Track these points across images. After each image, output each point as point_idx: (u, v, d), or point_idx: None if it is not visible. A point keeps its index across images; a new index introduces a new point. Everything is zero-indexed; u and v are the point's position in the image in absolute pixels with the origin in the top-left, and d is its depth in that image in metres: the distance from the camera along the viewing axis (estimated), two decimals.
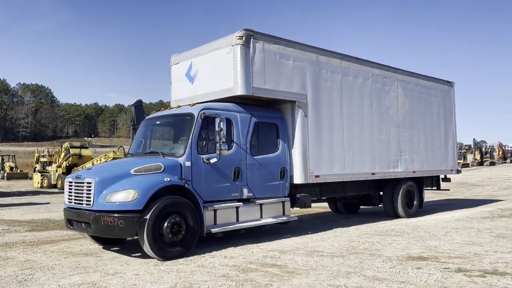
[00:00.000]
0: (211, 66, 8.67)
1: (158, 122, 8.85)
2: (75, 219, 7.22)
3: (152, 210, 6.58)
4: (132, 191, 6.61)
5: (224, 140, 7.39)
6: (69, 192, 7.44)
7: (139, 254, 7.06)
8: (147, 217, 6.53)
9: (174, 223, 6.77)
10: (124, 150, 31.43)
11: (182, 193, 7.10)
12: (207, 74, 8.78)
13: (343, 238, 8.28)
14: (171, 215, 6.79)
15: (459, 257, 6.39)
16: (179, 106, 8.40)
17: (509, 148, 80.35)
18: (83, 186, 7.05)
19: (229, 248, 7.40)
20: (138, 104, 20.59)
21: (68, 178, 7.64)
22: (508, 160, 68.67)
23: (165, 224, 6.70)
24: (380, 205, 11.82)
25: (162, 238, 6.68)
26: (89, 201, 6.88)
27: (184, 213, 6.94)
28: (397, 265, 5.97)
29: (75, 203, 7.25)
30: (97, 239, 7.92)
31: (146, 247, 6.61)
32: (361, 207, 13.04)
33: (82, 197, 7.04)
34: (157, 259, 6.62)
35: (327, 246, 7.48)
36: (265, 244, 7.71)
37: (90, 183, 6.92)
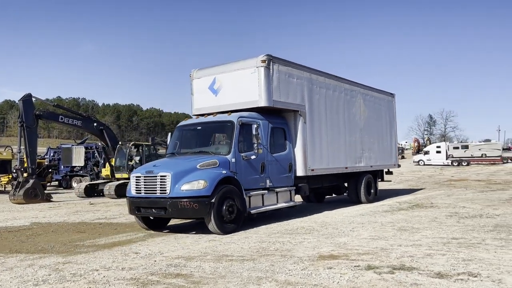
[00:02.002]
0: (235, 82, 10.46)
1: (199, 128, 10.56)
2: (145, 206, 8.82)
3: (217, 195, 8.42)
4: (202, 181, 8.39)
5: (260, 142, 9.47)
6: (137, 184, 8.97)
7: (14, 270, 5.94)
8: (213, 200, 8.35)
9: (229, 206, 8.68)
10: (12, 150, 28.12)
11: (230, 183, 8.90)
12: (231, 88, 10.53)
13: (253, 239, 7.91)
14: (227, 199, 8.65)
15: (367, 253, 6.36)
16: (215, 115, 10.20)
17: (400, 146, 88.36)
18: (156, 179, 8.63)
19: (128, 258, 6.59)
20: (27, 99, 18.32)
21: (136, 173, 9.20)
22: (399, 156, 75.23)
23: (224, 207, 8.58)
24: (344, 194, 14.41)
25: (222, 218, 8.51)
26: (165, 190, 8.49)
27: (234, 198, 8.81)
28: (309, 266, 5.72)
29: (145, 192, 8.82)
30: (148, 224, 9.47)
31: (212, 225, 8.44)
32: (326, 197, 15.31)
33: (156, 187, 8.63)
34: (218, 234, 8.41)
35: (237, 249, 7.04)
36: (169, 251, 7.03)
37: (165, 176, 8.52)
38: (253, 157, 9.49)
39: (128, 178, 20.84)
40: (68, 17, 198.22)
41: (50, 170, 30.63)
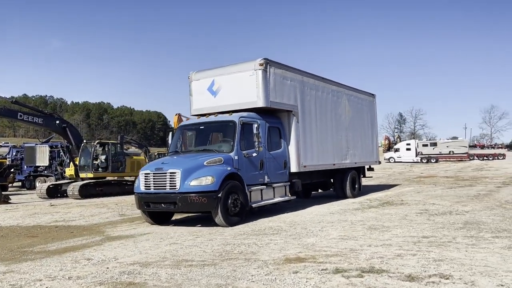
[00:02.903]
0: (234, 84, 10.97)
1: (202, 127, 10.96)
2: (154, 201, 9.24)
3: (223, 190, 8.92)
4: (209, 177, 8.85)
5: (260, 140, 10.02)
6: (146, 180, 9.38)
7: None
8: (220, 195, 8.84)
9: (234, 200, 9.19)
10: None
11: (234, 178, 9.39)
12: (229, 90, 11.03)
13: (217, 241, 7.47)
14: (232, 194, 9.16)
15: (336, 255, 6.04)
16: (216, 115, 10.75)
17: None
18: (166, 175, 9.07)
19: (78, 265, 6.03)
20: None
21: (145, 170, 9.59)
22: None
23: (229, 201, 9.08)
24: (330, 190, 15.07)
25: (227, 211, 9.01)
26: (174, 186, 8.94)
27: (238, 193, 9.35)
28: (274, 270, 5.33)
29: (154, 188, 9.23)
30: (154, 219, 9.80)
31: (219, 218, 8.92)
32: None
33: (165, 183, 9.06)
34: (224, 226, 8.90)
35: (199, 252, 6.58)
36: (125, 256, 6.50)
37: (174, 172, 8.97)
38: (254, 154, 10.08)
39: (93, 178, 20.49)
40: (35, 13, 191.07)
41: (12, 170, 29.23)
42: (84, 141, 21.97)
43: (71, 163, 22.51)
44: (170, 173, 9.00)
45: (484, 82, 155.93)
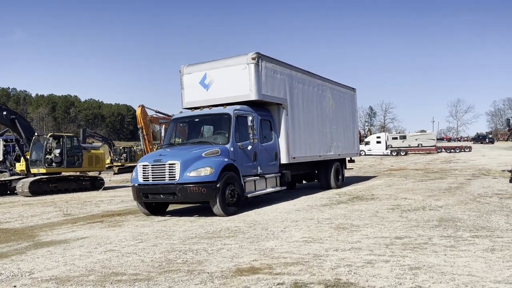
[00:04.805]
0: (226, 78, 11.08)
1: (197, 120, 11.11)
2: (153, 192, 9.26)
3: (221, 181, 9.03)
4: (208, 168, 8.97)
5: (255, 132, 10.26)
6: (144, 172, 9.38)
7: None
8: (219, 185, 8.95)
9: (231, 190, 9.32)
10: None
11: (230, 169, 9.49)
12: (222, 84, 11.14)
13: (162, 246, 6.42)
14: (229, 184, 9.28)
15: (296, 263, 5.12)
16: (210, 108, 10.92)
17: None
18: (164, 167, 9.11)
19: None
20: None
21: (143, 162, 9.54)
22: None
23: (227, 191, 9.20)
24: (314, 181, 15.46)
25: (225, 201, 9.12)
26: (174, 177, 8.98)
27: (234, 184, 9.47)
28: (219, 286, 4.36)
29: (153, 180, 9.25)
30: (150, 209, 9.90)
31: (217, 207, 9.04)
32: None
33: (164, 174, 9.10)
34: (222, 216, 9.02)
35: (136, 262, 5.52)
36: (44, 269, 5.37)
37: (173, 164, 9.01)
38: (249, 147, 10.31)
39: (46, 174, 18.96)
40: None
41: None
42: (36, 133, 20.35)
43: (22, 158, 20.89)
44: (169, 164, 9.06)
45: (451, 76, 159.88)
